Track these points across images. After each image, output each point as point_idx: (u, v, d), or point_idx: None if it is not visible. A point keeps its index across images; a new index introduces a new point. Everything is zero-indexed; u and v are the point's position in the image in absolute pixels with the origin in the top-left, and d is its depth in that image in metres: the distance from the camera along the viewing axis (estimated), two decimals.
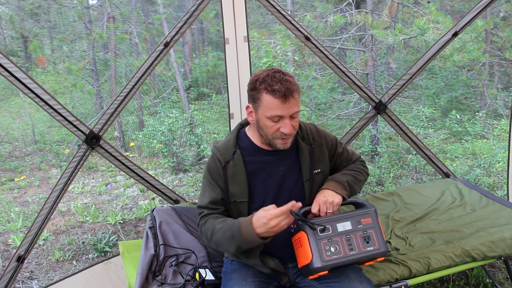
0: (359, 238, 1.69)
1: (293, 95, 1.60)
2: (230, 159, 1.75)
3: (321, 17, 5.89)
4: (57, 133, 7.35)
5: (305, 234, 1.64)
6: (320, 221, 1.67)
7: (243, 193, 1.74)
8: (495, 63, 7.60)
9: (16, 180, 5.63)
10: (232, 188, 1.74)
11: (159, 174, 5.70)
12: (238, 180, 1.74)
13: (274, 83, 1.59)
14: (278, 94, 1.58)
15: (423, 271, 2.09)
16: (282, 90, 1.58)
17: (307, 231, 1.64)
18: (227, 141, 1.80)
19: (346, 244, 1.67)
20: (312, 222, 1.65)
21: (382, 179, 5.16)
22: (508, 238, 2.25)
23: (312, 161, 1.80)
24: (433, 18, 5.24)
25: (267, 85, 1.60)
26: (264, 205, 1.65)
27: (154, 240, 2.20)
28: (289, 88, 1.59)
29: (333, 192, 1.75)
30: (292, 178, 1.80)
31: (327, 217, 1.70)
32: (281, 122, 1.64)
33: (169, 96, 7.76)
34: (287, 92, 1.58)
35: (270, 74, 1.62)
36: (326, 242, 1.65)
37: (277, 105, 1.60)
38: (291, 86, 1.59)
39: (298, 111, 1.66)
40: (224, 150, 1.77)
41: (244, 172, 1.74)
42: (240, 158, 1.75)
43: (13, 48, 8.81)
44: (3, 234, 4.12)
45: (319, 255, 1.62)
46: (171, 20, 7.55)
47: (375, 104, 3.14)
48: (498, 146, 5.89)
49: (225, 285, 1.80)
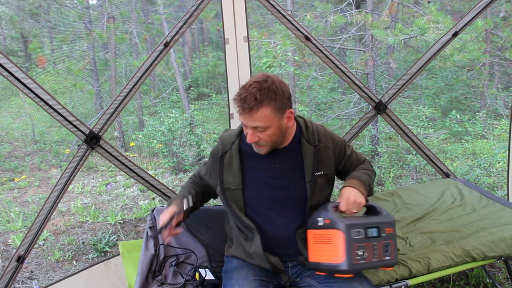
0: (381, 246, 1.71)
1: (251, 111, 1.61)
2: (228, 149, 1.85)
3: (321, 17, 5.89)
4: (57, 133, 7.35)
5: (342, 234, 1.63)
6: (354, 224, 1.67)
7: (237, 181, 1.82)
8: (495, 63, 7.59)
9: (16, 180, 5.63)
10: (226, 177, 1.83)
11: (159, 174, 5.70)
12: (232, 169, 1.83)
13: (238, 95, 1.63)
14: (236, 104, 1.64)
15: (423, 271, 2.09)
16: (239, 103, 1.62)
17: (344, 230, 1.63)
18: (231, 133, 1.89)
19: (371, 250, 1.68)
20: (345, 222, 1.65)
21: (382, 179, 5.16)
22: (508, 238, 2.25)
23: (315, 163, 1.80)
24: (433, 18, 5.23)
25: (236, 94, 1.65)
26: (257, 196, 1.80)
27: (154, 240, 2.19)
28: (246, 104, 1.60)
29: (359, 192, 1.76)
30: (290, 177, 1.81)
31: (358, 219, 1.72)
32: (245, 128, 1.70)
33: (169, 96, 7.76)
34: (243, 105, 1.61)
35: (246, 84, 1.65)
36: (357, 246, 1.65)
37: (239, 112, 1.65)
38: (250, 103, 1.59)
39: (263, 127, 1.65)
40: (226, 141, 1.87)
41: (238, 162, 1.82)
42: (237, 148, 1.83)
43: (13, 48, 8.81)
44: (3, 234, 4.12)
45: (349, 258, 1.62)
46: (171, 20, 7.54)
47: (375, 104, 3.14)
48: (498, 146, 5.88)
49: (226, 284, 1.81)
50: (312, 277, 1.82)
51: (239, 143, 1.84)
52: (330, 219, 1.67)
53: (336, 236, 1.64)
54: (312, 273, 1.83)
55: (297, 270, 1.87)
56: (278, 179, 1.80)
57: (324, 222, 1.68)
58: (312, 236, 1.73)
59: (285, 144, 1.79)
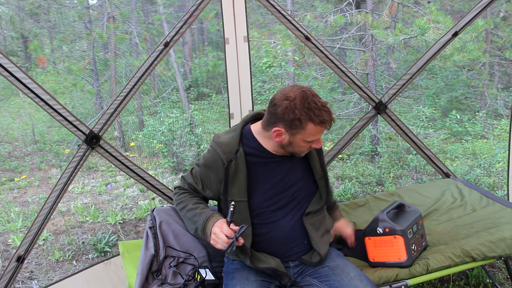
0: (420, 236, 2.17)
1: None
2: (233, 158, 1.72)
3: (321, 17, 5.88)
4: (57, 133, 7.35)
5: (402, 238, 2.02)
6: (407, 226, 2.07)
7: (242, 193, 1.74)
8: (495, 63, 7.59)
9: (16, 180, 5.62)
10: (231, 188, 1.74)
11: (159, 174, 5.70)
12: (238, 180, 1.73)
13: (321, 114, 1.58)
14: (326, 124, 1.61)
15: (423, 272, 2.08)
16: (329, 119, 1.60)
17: (403, 235, 2.02)
18: (230, 139, 1.76)
19: (418, 242, 2.13)
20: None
21: (382, 179, 5.15)
22: (508, 238, 2.24)
23: (321, 159, 1.88)
24: (433, 18, 5.23)
25: (315, 116, 1.58)
26: (263, 203, 1.74)
27: (154, 240, 2.19)
28: (332, 116, 1.62)
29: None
30: (295, 178, 1.81)
31: (406, 221, 2.11)
32: (316, 141, 1.68)
33: (169, 96, 7.75)
34: (332, 120, 1.62)
35: (309, 101, 1.58)
36: (411, 243, 2.06)
37: (321, 131, 1.63)
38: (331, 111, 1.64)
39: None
40: (228, 149, 1.74)
41: (245, 173, 1.73)
42: (243, 157, 1.73)
43: (13, 48, 8.80)
44: (3, 234, 4.12)
45: (410, 254, 2.05)
46: (171, 20, 7.54)
47: (375, 104, 3.14)
48: (498, 146, 5.88)
49: (227, 285, 1.81)
50: (313, 276, 1.83)
51: (244, 151, 1.75)
52: (389, 227, 2.04)
53: (398, 240, 2.03)
54: (313, 272, 1.84)
55: (298, 269, 1.87)
56: (284, 184, 1.79)
57: (385, 230, 2.04)
58: (373, 242, 2.10)
59: None
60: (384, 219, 2.06)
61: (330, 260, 1.87)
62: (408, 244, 2.04)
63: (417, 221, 2.16)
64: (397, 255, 2.05)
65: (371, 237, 2.10)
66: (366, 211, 2.77)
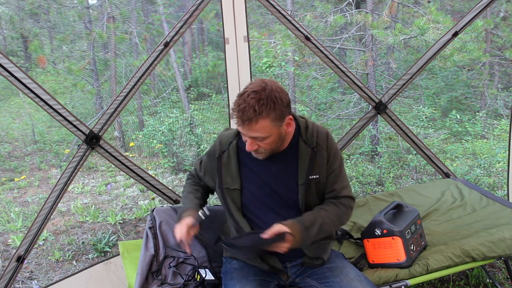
0: (419, 235, 2.19)
1: (250, 123, 1.57)
2: (226, 149, 1.84)
3: (321, 17, 5.88)
4: (57, 133, 7.34)
5: (400, 239, 2.04)
6: (405, 227, 2.09)
7: (235, 181, 1.80)
8: (495, 63, 7.59)
9: (16, 180, 5.62)
10: (225, 177, 1.82)
11: (159, 174, 5.70)
12: (230, 169, 1.81)
13: (236, 105, 1.60)
14: (235, 115, 1.61)
15: (422, 272, 2.09)
16: (238, 114, 1.59)
17: (401, 236, 2.04)
18: (229, 133, 1.88)
19: (416, 241, 2.15)
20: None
21: (382, 179, 5.15)
22: (508, 238, 2.25)
23: (311, 166, 1.75)
24: (433, 18, 5.24)
25: (234, 104, 1.62)
26: (254, 198, 1.79)
27: (154, 240, 2.19)
28: (245, 116, 1.57)
29: (298, 243, 1.66)
30: (284, 180, 1.78)
31: (404, 222, 2.13)
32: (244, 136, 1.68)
33: (169, 96, 7.75)
34: (242, 117, 1.58)
35: (243, 93, 1.60)
36: (410, 243, 2.08)
37: (238, 123, 1.62)
38: (249, 115, 1.56)
39: (263, 137, 1.62)
40: (225, 139, 1.86)
41: (236, 162, 1.81)
42: (235, 148, 1.82)
43: (13, 48, 8.79)
44: (3, 234, 4.12)
45: (408, 255, 2.07)
46: (171, 20, 7.54)
47: (375, 104, 3.14)
48: (498, 146, 5.88)
49: (226, 285, 1.80)
50: (312, 278, 1.82)
51: (237, 143, 1.82)
52: (387, 228, 2.06)
53: (396, 241, 2.05)
54: (312, 273, 1.83)
55: (296, 270, 1.87)
56: (273, 183, 1.78)
57: (383, 231, 2.06)
58: (371, 244, 2.11)
59: (283, 147, 1.76)
60: (382, 221, 2.08)
61: (329, 261, 1.86)
62: (406, 245, 2.06)
63: (415, 221, 2.18)
64: (396, 256, 2.06)
65: (370, 239, 2.12)
66: (366, 211, 2.77)
